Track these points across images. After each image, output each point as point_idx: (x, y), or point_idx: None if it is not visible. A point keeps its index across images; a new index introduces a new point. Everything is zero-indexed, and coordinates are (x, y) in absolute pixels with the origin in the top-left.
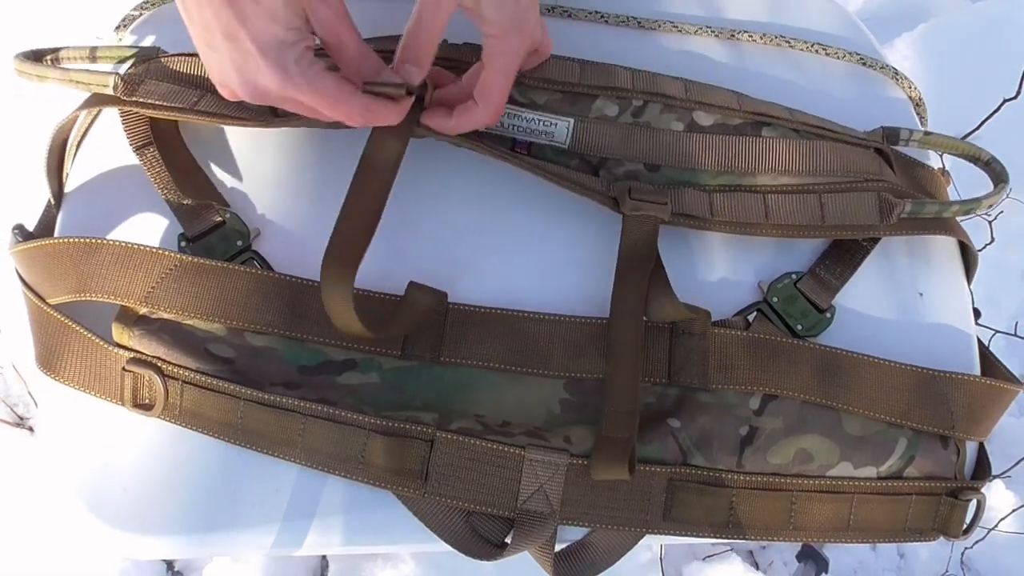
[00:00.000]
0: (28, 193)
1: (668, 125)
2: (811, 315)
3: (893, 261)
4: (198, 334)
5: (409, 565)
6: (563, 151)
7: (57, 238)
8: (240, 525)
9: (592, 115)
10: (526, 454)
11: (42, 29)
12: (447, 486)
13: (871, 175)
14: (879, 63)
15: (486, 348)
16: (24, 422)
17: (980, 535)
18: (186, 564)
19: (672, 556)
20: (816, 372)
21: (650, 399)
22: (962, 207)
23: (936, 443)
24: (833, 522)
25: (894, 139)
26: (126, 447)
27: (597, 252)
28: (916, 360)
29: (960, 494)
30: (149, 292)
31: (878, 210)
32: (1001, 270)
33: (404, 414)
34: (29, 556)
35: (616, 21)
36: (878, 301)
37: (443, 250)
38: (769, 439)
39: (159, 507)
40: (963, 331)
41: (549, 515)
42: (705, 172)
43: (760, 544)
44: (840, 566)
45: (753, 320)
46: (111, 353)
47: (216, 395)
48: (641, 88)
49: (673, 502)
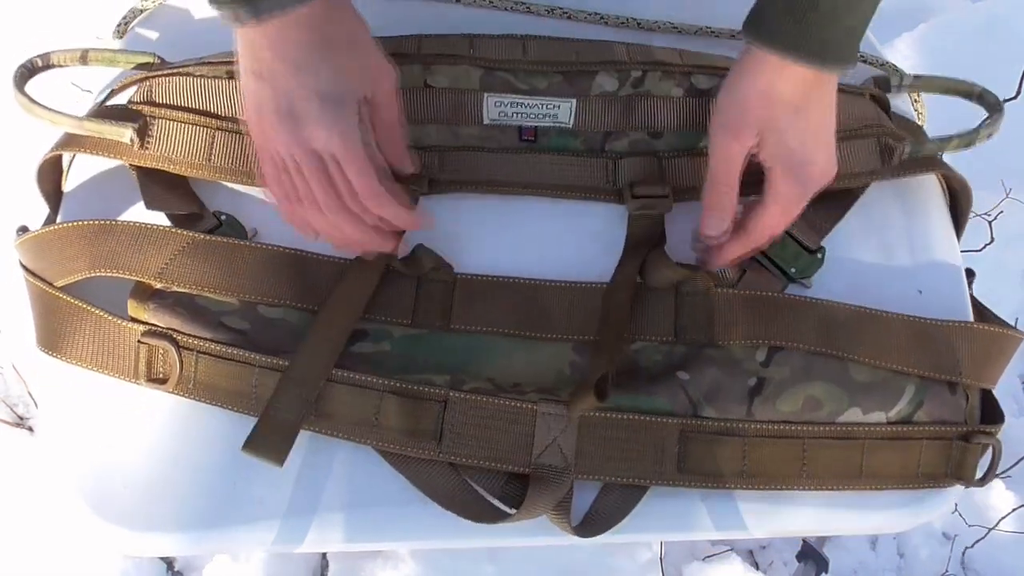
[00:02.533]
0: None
1: (668, 92)
2: (802, 257)
3: (884, 217)
4: (212, 307)
5: (409, 564)
6: (567, 130)
7: (70, 222)
8: (240, 522)
9: (593, 92)
10: (539, 408)
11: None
12: (462, 445)
13: (869, 120)
14: (879, 60)
15: (495, 314)
16: (24, 422)
17: (980, 534)
18: (186, 563)
19: (672, 556)
20: (819, 325)
21: (657, 357)
22: (961, 140)
23: (944, 388)
24: (846, 468)
25: (884, 86)
26: (126, 445)
27: (602, 236)
28: (910, 308)
29: (971, 438)
30: (163, 268)
31: (879, 154)
32: (1001, 270)
33: (417, 376)
34: (29, 555)
35: (616, 23)
36: (870, 253)
37: (449, 227)
38: (778, 388)
39: (159, 504)
40: (954, 281)
41: (564, 468)
42: (707, 135)
43: (760, 544)
44: (840, 566)
45: (747, 267)
46: (125, 328)
47: (231, 364)
48: (639, 59)
49: (686, 453)
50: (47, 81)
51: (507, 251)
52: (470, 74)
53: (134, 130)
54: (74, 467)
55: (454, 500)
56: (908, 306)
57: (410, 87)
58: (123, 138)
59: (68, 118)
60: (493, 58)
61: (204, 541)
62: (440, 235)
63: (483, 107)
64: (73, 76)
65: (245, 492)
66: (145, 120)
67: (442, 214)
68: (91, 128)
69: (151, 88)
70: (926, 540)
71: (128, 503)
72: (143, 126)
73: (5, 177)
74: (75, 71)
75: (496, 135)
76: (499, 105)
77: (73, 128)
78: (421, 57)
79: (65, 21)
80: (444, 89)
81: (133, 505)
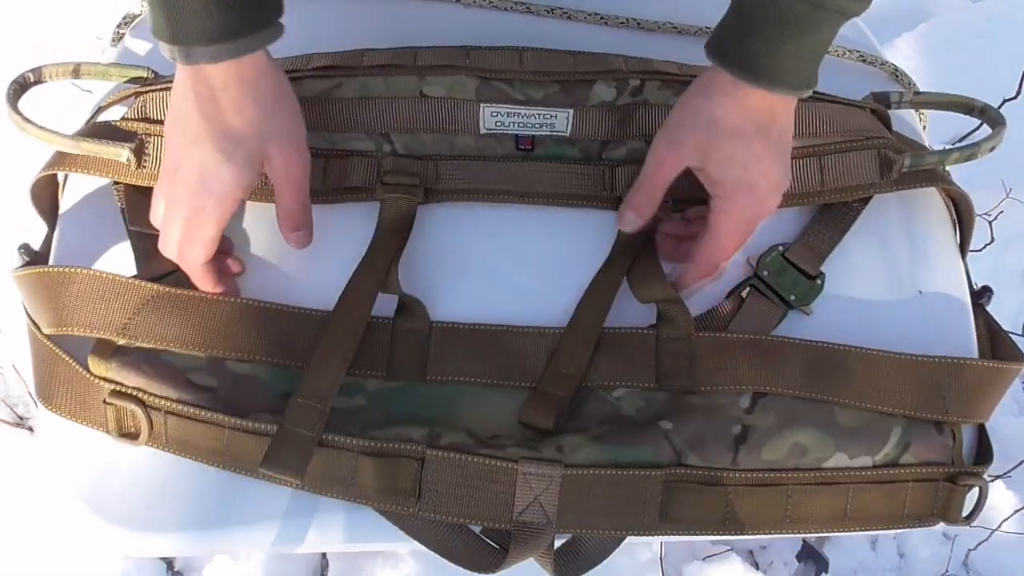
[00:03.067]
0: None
1: (666, 101)
2: (801, 284)
3: (887, 239)
4: (178, 363)
5: (409, 564)
6: (565, 139)
7: (34, 268)
8: (240, 522)
9: (591, 102)
10: (519, 468)
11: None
12: (441, 503)
13: (869, 132)
14: (879, 60)
15: (472, 364)
16: (24, 422)
17: (983, 536)
18: (186, 564)
19: (672, 556)
20: (804, 367)
21: (639, 403)
22: (963, 153)
23: (931, 429)
24: (830, 513)
25: (885, 102)
26: (126, 446)
27: (601, 246)
28: (912, 339)
29: (958, 479)
30: (126, 323)
31: (878, 167)
32: (1001, 270)
33: (392, 431)
34: (29, 556)
35: (616, 23)
36: (871, 279)
37: (445, 238)
38: (763, 436)
39: (159, 505)
40: (959, 309)
41: (546, 525)
42: None
43: (760, 544)
44: (840, 566)
45: (747, 296)
46: (94, 384)
47: (200, 424)
48: (636, 68)
49: (670, 502)
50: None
51: (502, 263)
52: (466, 84)
53: (130, 150)
54: (74, 467)
55: (447, 548)
56: (909, 325)
57: (406, 96)
58: (119, 158)
59: (63, 138)
60: (489, 68)
61: (204, 541)
62: (436, 246)
63: (479, 117)
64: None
65: (245, 492)
66: (141, 139)
67: (438, 224)
68: (87, 148)
69: (145, 104)
70: (926, 540)
71: (128, 504)
72: (139, 145)
73: (6, 178)
74: None
75: (493, 144)
76: (496, 115)
77: (69, 148)
78: (417, 69)
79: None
80: (440, 99)
81: (133, 506)
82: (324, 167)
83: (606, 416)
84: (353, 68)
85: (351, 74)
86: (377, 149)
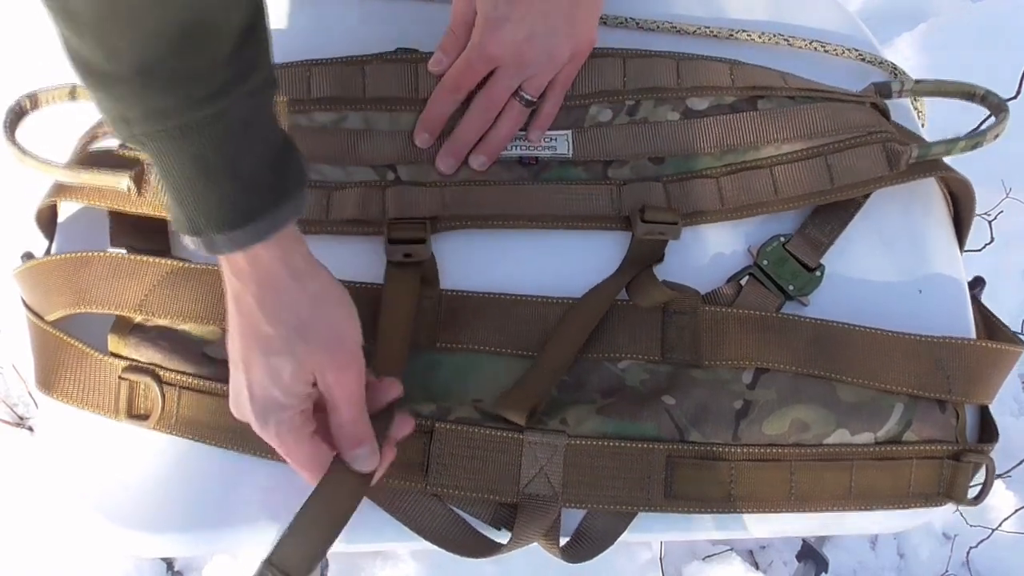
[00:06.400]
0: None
1: (664, 117)
2: (801, 275)
3: (885, 230)
4: (193, 338)
5: (409, 564)
6: (568, 161)
7: (50, 256)
8: (241, 523)
9: (588, 124)
10: (525, 437)
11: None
12: (448, 476)
13: (872, 127)
14: (878, 59)
15: (481, 332)
16: (24, 422)
17: (981, 535)
18: (186, 564)
19: (672, 556)
20: (807, 345)
21: (644, 376)
22: (968, 142)
23: (933, 407)
24: (834, 490)
25: (886, 93)
26: (126, 445)
27: (611, 266)
28: (911, 329)
29: (962, 456)
30: (143, 300)
31: (886, 160)
32: (1001, 269)
33: (403, 407)
34: (29, 556)
35: (615, 23)
36: (870, 269)
37: (454, 265)
38: (763, 411)
39: (159, 505)
40: (957, 299)
41: (551, 497)
42: (709, 155)
43: (760, 544)
44: (840, 566)
45: (745, 284)
46: (106, 363)
47: (213, 398)
48: (633, 85)
49: (674, 479)
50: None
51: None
52: None
53: (130, 178)
54: (74, 468)
55: (445, 536)
56: (908, 313)
57: (410, 131)
58: (119, 187)
59: (62, 169)
60: None
61: (204, 542)
62: (445, 274)
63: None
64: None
65: (245, 493)
66: (142, 166)
67: (447, 252)
68: (87, 179)
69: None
70: (926, 540)
71: (127, 504)
72: (139, 173)
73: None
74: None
75: (497, 170)
76: None
77: (68, 179)
78: (420, 102)
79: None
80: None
81: (132, 506)
82: (327, 198)
83: (611, 387)
84: (357, 101)
85: (356, 108)
86: (381, 179)
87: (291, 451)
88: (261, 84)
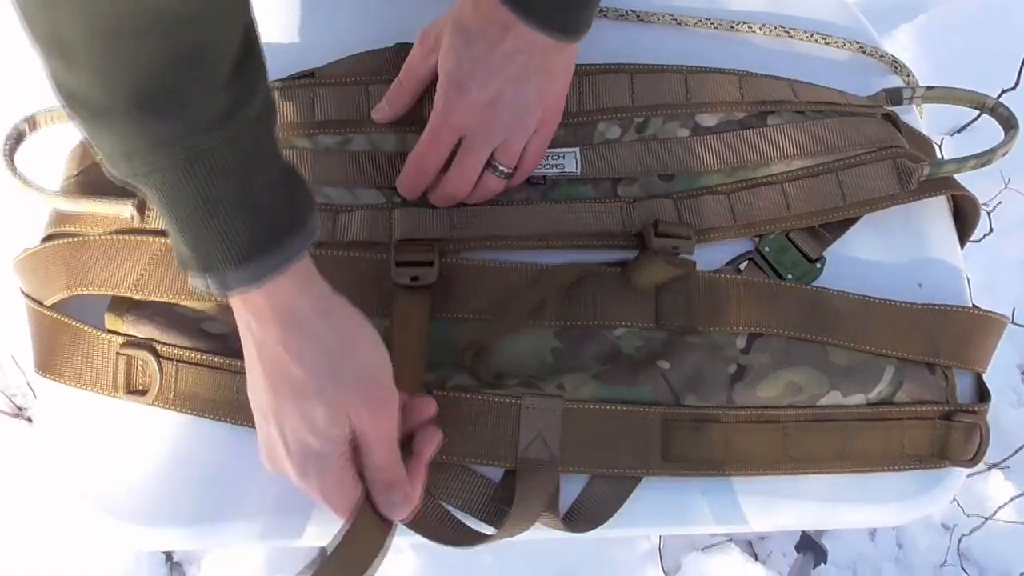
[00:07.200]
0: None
1: (674, 133)
2: (801, 265)
3: (883, 220)
4: (190, 314)
5: (409, 556)
6: (577, 179)
7: (51, 242)
8: (240, 516)
9: (596, 141)
10: (522, 402)
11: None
12: (447, 443)
13: (883, 143)
14: (878, 51)
15: (476, 301)
16: (23, 412)
17: (977, 524)
18: (185, 556)
19: (671, 547)
20: (799, 310)
21: (639, 343)
22: (978, 160)
23: (923, 369)
24: (829, 451)
25: (897, 99)
26: (125, 438)
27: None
28: None
29: (953, 416)
30: (139, 279)
31: (896, 178)
32: (999, 260)
33: None
34: (28, 547)
35: (615, 15)
36: (870, 260)
37: None
38: (758, 375)
39: (158, 498)
40: (956, 289)
41: (550, 461)
42: (719, 172)
43: (759, 534)
44: (839, 556)
45: (744, 268)
46: (103, 340)
47: (212, 371)
48: (641, 102)
49: (670, 442)
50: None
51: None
52: None
53: (133, 205)
54: (72, 461)
55: (429, 527)
56: None
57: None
58: (122, 214)
59: (63, 199)
60: None
61: (203, 535)
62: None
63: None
64: None
65: (244, 486)
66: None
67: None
68: (88, 208)
69: None
70: (925, 530)
71: (126, 497)
72: (142, 200)
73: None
74: None
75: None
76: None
77: (69, 207)
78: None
79: None
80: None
81: (131, 499)
82: (333, 221)
83: (606, 354)
84: (362, 123)
85: (361, 130)
86: (388, 200)
87: (332, 499)
88: (263, 108)
